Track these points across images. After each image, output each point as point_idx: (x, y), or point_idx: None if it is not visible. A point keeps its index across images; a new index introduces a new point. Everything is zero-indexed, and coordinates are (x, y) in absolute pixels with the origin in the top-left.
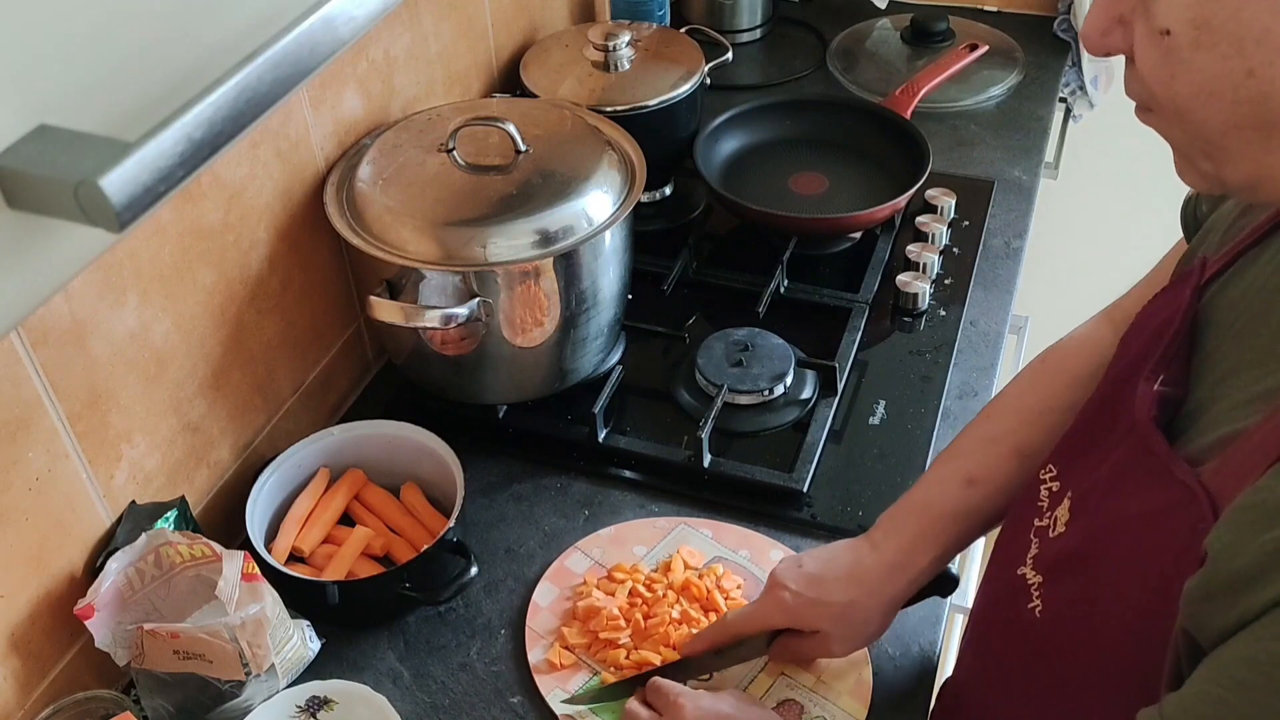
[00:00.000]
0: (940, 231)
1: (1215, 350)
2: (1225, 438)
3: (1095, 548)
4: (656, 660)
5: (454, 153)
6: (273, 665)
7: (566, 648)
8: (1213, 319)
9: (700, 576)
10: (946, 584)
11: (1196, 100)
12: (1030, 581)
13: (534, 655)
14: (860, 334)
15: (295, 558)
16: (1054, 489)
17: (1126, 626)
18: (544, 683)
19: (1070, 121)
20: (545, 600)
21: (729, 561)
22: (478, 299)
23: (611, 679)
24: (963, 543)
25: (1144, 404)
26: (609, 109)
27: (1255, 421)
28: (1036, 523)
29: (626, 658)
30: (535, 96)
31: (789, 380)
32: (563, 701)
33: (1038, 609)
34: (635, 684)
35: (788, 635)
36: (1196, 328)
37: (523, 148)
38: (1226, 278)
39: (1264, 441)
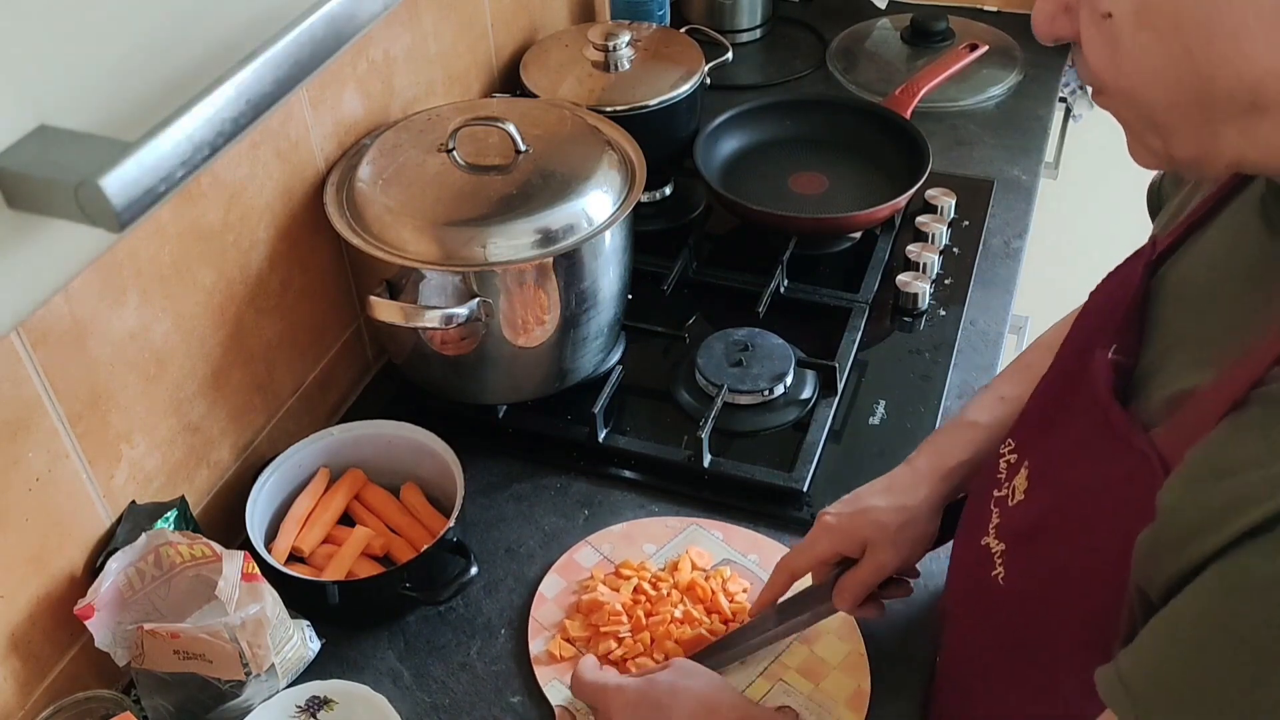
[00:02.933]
0: (940, 231)
1: (1164, 320)
2: (1174, 397)
3: (1056, 515)
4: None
5: (454, 153)
6: (273, 665)
7: (567, 640)
8: (1163, 292)
9: (707, 578)
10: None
11: (1141, 80)
12: (994, 550)
13: (535, 646)
14: (860, 334)
15: (295, 558)
16: (1011, 461)
17: (1088, 590)
18: (542, 674)
19: (1070, 121)
20: (551, 592)
21: (738, 565)
22: (478, 299)
23: None
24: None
25: (1100, 373)
26: (609, 109)
27: (1205, 382)
28: (995, 493)
29: (619, 647)
30: (535, 96)
31: (789, 380)
32: None
33: (1000, 575)
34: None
35: (845, 576)
36: (1148, 301)
37: (523, 148)
38: (1177, 255)
39: (1213, 400)
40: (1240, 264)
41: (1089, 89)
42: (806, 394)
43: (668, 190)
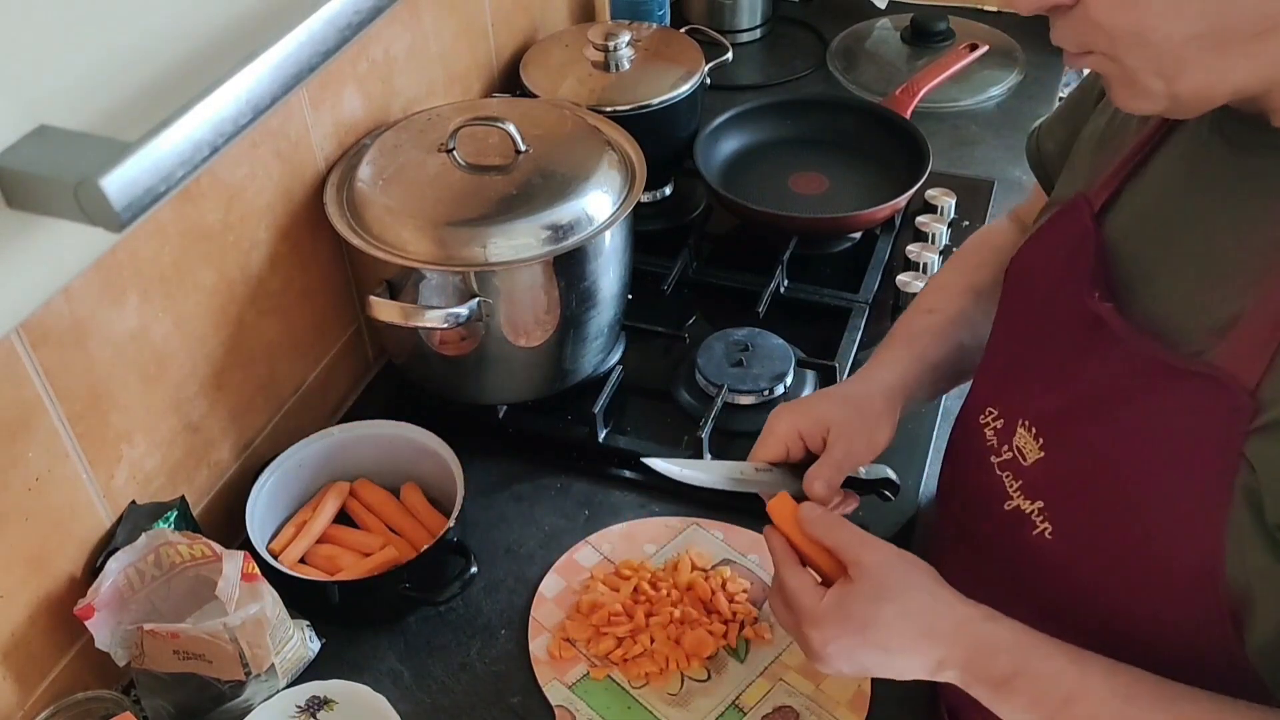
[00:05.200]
0: (940, 231)
1: (1137, 260)
2: (1214, 331)
3: (1100, 463)
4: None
5: (454, 153)
6: (273, 665)
7: (567, 639)
8: (1121, 237)
9: (707, 578)
10: (891, 487)
11: (1162, 19)
12: (1027, 510)
13: (535, 646)
14: (860, 334)
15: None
16: (998, 427)
17: (1155, 524)
18: (542, 673)
19: None
20: (551, 592)
21: (738, 565)
22: (478, 299)
23: (600, 674)
24: (935, 354)
25: (1109, 318)
26: (609, 109)
27: (1241, 306)
28: (995, 460)
29: (619, 647)
30: (535, 96)
31: (789, 380)
32: None
33: (1047, 532)
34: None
35: (815, 465)
36: (1108, 250)
37: (523, 148)
38: (1120, 203)
39: (1272, 309)
40: (1207, 186)
41: (1070, 76)
42: (807, 394)
43: (668, 190)
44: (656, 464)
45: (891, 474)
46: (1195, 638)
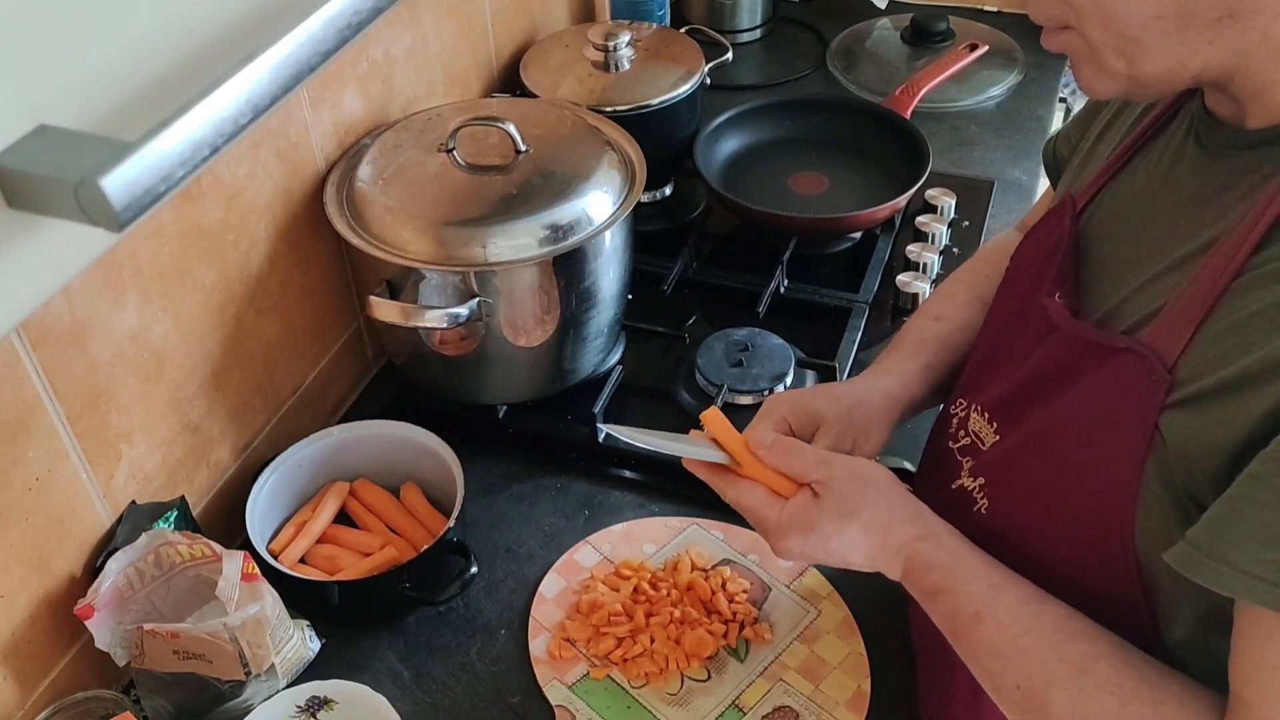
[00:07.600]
0: (940, 231)
1: (1104, 258)
2: (1148, 315)
3: (1038, 440)
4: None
5: (454, 153)
6: (273, 665)
7: (567, 639)
8: (1094, 236)
9: (707, 578)
10: (906, 476)
11: None
12: (970, 488)
13: (535, 646)
14: (860, 334)
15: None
16: (962, 415)
17: (1084, 491)
18: (542, 673)
19: None
20: (551, 592)
21: (738, 565)
22: (478, 299)
23: (600, 674)
24: (941, 362)
25: (1055, 309)
26: (609, 109)
27: (1175, 293)
28: (953, 445)
29: (619, 647)
30: (535, 96)
31: (789, 380)
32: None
33: (983, 508)
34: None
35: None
36: (1080, 248)
37: (523, 148)
38: (1097, 203)
39: (1192, 298)
40: (1177, 187)
41: (1070, 77)
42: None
43: (668, 190)
44: (620, 431)
45: (907, 464)
46: (1115, 619)
